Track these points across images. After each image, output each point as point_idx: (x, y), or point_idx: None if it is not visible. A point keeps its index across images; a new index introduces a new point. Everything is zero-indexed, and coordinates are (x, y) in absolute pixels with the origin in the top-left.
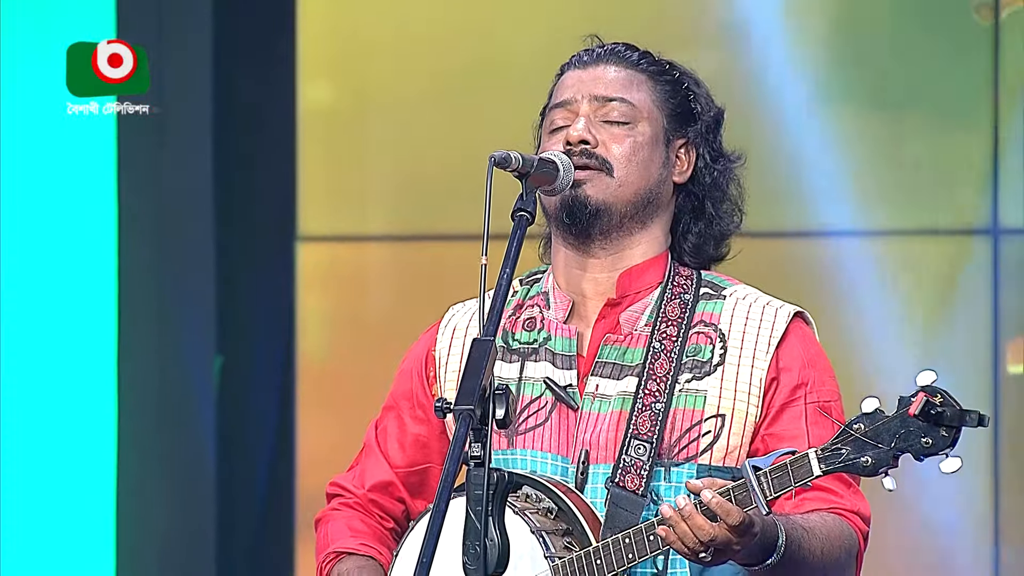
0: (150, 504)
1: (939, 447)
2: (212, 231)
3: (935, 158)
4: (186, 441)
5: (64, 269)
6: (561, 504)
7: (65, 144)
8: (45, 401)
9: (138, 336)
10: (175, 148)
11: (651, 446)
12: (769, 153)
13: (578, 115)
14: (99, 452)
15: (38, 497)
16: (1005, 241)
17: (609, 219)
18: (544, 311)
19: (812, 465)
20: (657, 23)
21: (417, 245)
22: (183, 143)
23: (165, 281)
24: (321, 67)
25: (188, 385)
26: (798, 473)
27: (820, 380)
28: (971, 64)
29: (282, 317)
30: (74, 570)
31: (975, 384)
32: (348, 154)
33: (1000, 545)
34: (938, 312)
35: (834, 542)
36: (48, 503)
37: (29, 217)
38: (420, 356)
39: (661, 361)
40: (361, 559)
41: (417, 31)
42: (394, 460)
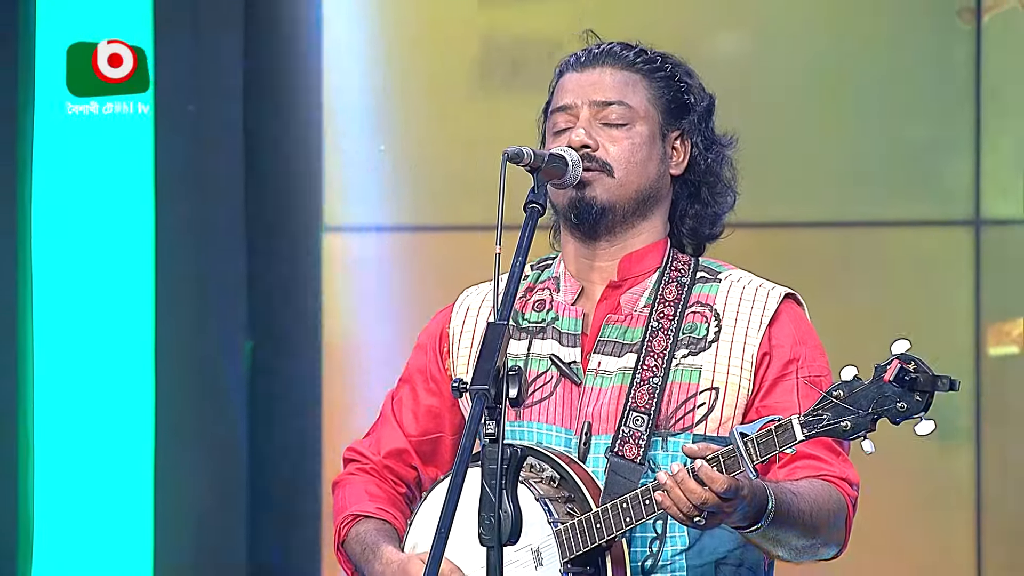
0: (185, 478)
1: (913, 411)
2: (243, 223)
3: (920, 153)
4: (219, 419)
5: (104, 259)
6: (563, 473)
7: (104, 141)
8: (88, 384)
9: (174, 322)
10: (209, 144)
11: (649, 418)
12: (759, 147)
13: (579, 120)
14: (138, 430)
15: (80, 473)
16: (986, 232)
17: (613, 216)
18: (554, 294)
19: (795, 430)
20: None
21: (435, 235)
22: (216, 140)
23: (199, 270)
24: (345, 68)
25: (221, 368)
26: (782, 438)
27: (811, 356)
28: (954, 64)
29: (308, 303)
30: (114, 542)
31: (957, 367)
32: (370, 150)
33: (982, 519)
34: (922, 299)
35: (823, 506)
36: (89, 479)
37: (73, 210)
38: (435, 333)
39: (659, 339)
40: (378, 522)
41: (436, 31)
42: (408, 429)
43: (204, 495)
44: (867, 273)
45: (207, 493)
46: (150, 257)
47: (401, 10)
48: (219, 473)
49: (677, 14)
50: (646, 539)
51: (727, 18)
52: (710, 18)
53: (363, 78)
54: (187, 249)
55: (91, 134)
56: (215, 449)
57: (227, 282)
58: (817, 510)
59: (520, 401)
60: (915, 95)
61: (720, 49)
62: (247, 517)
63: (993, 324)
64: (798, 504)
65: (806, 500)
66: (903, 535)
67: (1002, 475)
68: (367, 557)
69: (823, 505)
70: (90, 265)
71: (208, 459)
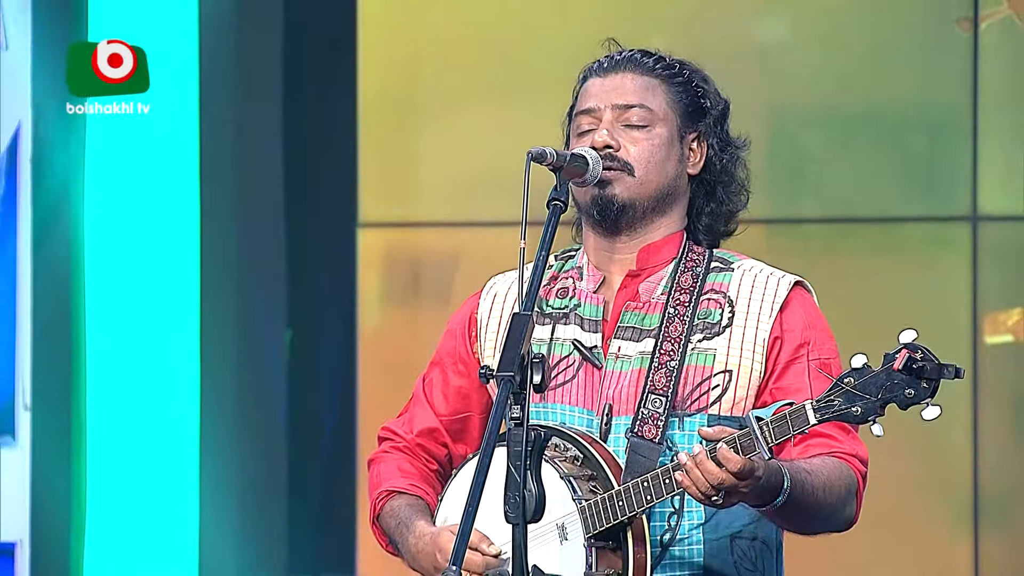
0: (229, 458)
1: (920, 397)
2: (283, 219)
3: (921, 154)
4: (261, 403)
5: (153, 254)
6: (586, 452)
7: (152, 140)
8: (137, 371)
9: (219, 312)
10: (250, 145)
11: (666, 399)
12: (770, 149)
13: (601, 122)
14: (185, 412)
15: (130, 453)
16: (983, 227)
17: (633, 213)
18: (577, 282)
19: (808, 415)
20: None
21: (464, 230)
22: (257, 140)
23: (242, 264)
24: (379, 72)
25: (262, 355)
26: (796, 422)
27: (820, 340)
28: (953, 69)
29: (344, 295)
30: (163, 518)
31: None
32: (403, 150)
33: (979, 500)
34: (922, 291)
35: (835, 482)
36: (138, 459)
37: (123, 207)
38: (464, 319)
39: (675, 324)
40: (411, 498)
41: (465, 36)
42: (439, 409)
43: (246, 472)
44: (871, 266)
45: (249, 470)
46: (196, 253)
47: (431, 20)
48: (260, 451)
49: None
50: (665, 514)
51: (744, 30)
52: (726, 27)
53: (394, 84)
54: (231, 244)
55: (176, 131)
56: (257, 429)
57: (268, 275)
58: (830, 486)
59: (543, 387)
60: (917, 99)
61: (735, 58)
62: (287, 493)
63: (989, 314)
64: (812, 482)
65: (819, 477)
66: (903, 514)
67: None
68: (401, 530)
69: (835, 482)
70: (140, 261)
71: (250, 439)
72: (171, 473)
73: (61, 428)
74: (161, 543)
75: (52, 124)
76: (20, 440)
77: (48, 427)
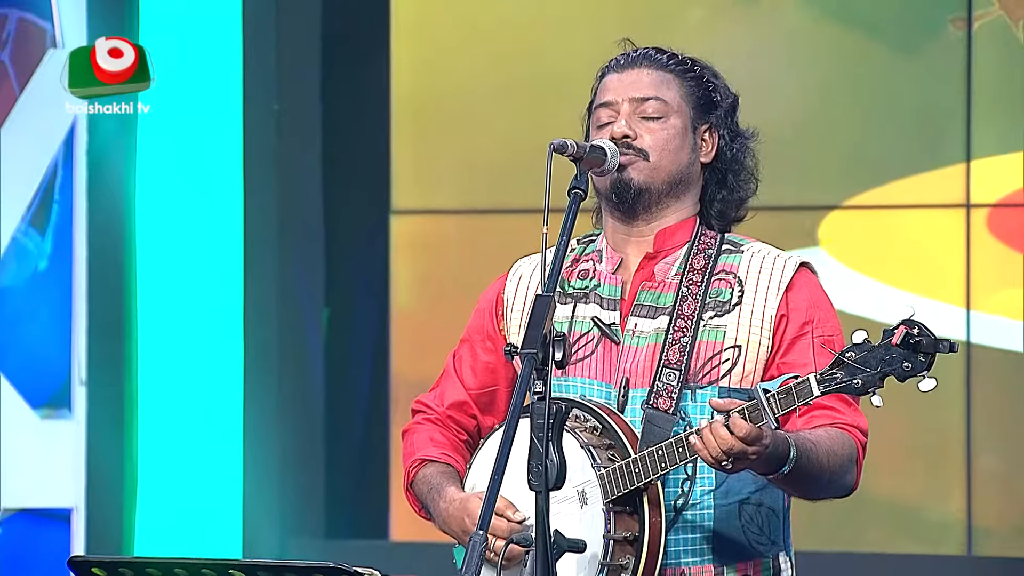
0: (271, 428)
1: (917, 370)
2: (321, 207)
3: (917, 145)
4: (300, 377)
5: (200, 239)
6: (604, 423)
7: (198, 132)
8: (185, 348)
9: (262, 293)
10: (290, 138)
11: (680, 373)
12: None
13: (620, 114)
14: (229, 387)
15: (179, 426)
16: (975, 215)
17: (649, 197)
18: (597, 264)
19: (812, 387)
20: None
21: (490, 217)
22: (297, 133)
23: (283, 248)
24: (410, 70)
25: (302, 332)
26: (801, 394)
27: (824, 317)
28: (948, 66)
29: (378, 277)
30: (208, 486)
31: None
32: (433, 141)
33: (972, 463)
34: (919, 274)
35: (837, 451)
36: (186, 431)
37: (172, 196)
38: (491, 298)
39: (688, 303)
40: (442, 466)
41: (489, 36)
42: (468, 383)
43: (287, 442)
44: (870, 250)
45: (290, 440)
46: (240, 238)
47: (456, 21)
48: (300, 422)
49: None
50: (678, 480)
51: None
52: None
53: (424, 81)
54: (273, 230)
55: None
56: (297, 401)
57: (307, 258)
58: (832, 455)
59: (564, 363)
60: (914, 94)
61: (738, 50)
62: (325, 461)
63: (982, 296)
64: (816, 451)
65: (823, 447)
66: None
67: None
68: (432, 496)
69: (837, 451)
70: (188, 247)
71: (291, 410)
72: (216, 443)
73: (114, 402)
74: (207, 509)
75: (106, 117)
76: (76, 413)
77: (102, 401)
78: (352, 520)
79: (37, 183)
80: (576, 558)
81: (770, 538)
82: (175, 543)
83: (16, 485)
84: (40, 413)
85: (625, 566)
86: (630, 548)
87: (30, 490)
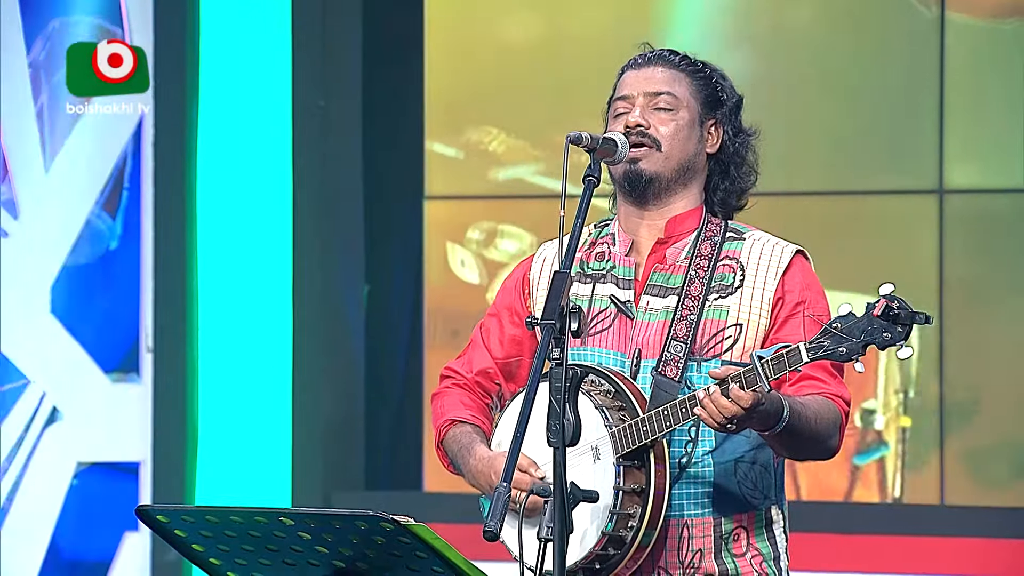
0: (316, 396)
1: (896, 339)
2: (361, 192)
3: (890, 132)
4: (342, 348)
5: (254, 223)
6: (617, 387)
7: (253, 126)
8: (241, 320)
9: (308, 271)
10: (334, 130)
11: (686, 346)
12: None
13: (635, 106)
14: (279, 355)
15: (235, 389)
16: (948, 200)
17: (659, 184)
18: (611, 247)
19: (802, 354)
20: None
21: (511, 203)
22: (340, 128)
23: (327, 230)
24: (443, 67)
25: (344, 306)
26: (791, 360)
27: (815, 299)
28: (921, 46)
29: (413, 256)
30: (261, 443)
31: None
32: (463, 135)
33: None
34: (893, 257)
35: (823, 415)
36: (241, 394)
37: (229, 185)
38: (519, 278)
39: (695, 284)
40: (470, 426)
41: (517, 36)
42: (494, 353)
43: (331, 409)
44: (848, 234)
45: (334, 407)
46: (288, 220)
47: (485, 27)
48: (342, 386)
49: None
50: (682, 442)
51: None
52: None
53: (456, 78)
54: (318, 213)
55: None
56: (340, 371)
57: (349, 239)
58: (819, 419)
59: (580, 333)
60: (887, 82)
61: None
62: (365, 424)
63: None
64: (806, 413)
65: (811, 410)
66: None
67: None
68: (462, 454)
69: (824, 416)
70: (243, 230)
71: (334, 380)
72: (268, 405)
73: (177, 367)
74: (259, 464)
75: (169, 113)
76: (143, 377)
77: (166, 366)
78: (389, 473)
79: (109, 171)
80: (590, 507)
81: (763, 492)
82: (232, 494)
83: (90, 441)
84: (111, 377)
85: (633, 514)
86: (637, 499)
87: (102, 446)
